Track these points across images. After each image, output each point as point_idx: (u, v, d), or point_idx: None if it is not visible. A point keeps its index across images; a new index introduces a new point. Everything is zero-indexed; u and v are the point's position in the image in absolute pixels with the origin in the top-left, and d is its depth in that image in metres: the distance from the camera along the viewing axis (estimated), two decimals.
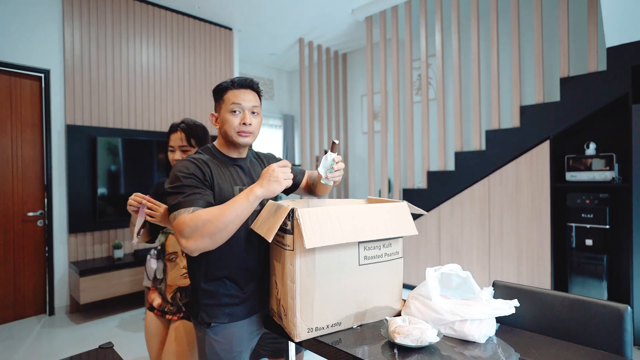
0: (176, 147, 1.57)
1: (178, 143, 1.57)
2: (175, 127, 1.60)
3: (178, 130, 1.58)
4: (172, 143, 1.59)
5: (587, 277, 2.89)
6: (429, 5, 4.02)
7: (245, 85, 1.26)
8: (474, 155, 3.46)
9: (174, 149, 1.58)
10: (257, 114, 1.28)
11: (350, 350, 0.99)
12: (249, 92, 1.26)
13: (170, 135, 1.60)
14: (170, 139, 1.60)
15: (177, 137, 1.58)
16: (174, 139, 1.58)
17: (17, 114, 3.14)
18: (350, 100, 5.65)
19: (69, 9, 3.31)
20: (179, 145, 1.57)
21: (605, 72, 2.79)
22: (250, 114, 1.24)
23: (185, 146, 1.57)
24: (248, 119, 1.23)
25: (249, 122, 1.23)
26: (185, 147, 1.57)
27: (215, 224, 1.03)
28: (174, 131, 1.60)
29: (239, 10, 4.12)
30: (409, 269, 3.88)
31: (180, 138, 1.57)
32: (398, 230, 1.16)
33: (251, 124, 1.24)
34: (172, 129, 1.61)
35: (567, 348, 1.01)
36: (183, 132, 1.58)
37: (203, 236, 1.04)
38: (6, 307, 3.09)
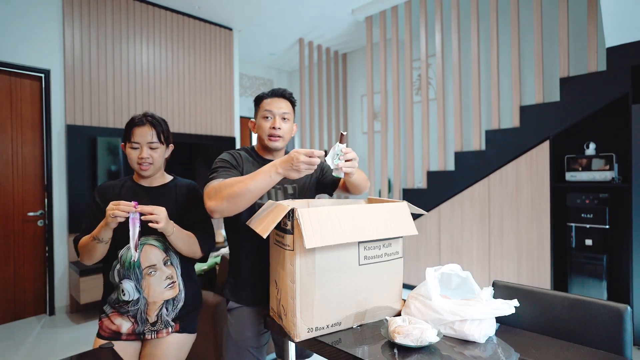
0: (143, 143, 1.36)
1: (146, 139, 1.36)
2: (141, 121, 1.37)
3: (146, 124, 1.36)
4: (138, 139, 1.36)
5: (587, 277, 2.89)
6: (429, 5, 4.02)
7: (277, 94, 1.41)
8: (474, 155, 3.46)
9: (139, 145, 1.36)
10: (288, 120, 1.41)
11: (350, 350, 0.99)
12: (281, 100, 1.40)
13: (134, 130, 1.36)
14: (133, 133, 1.36)
15: (144, 132, 1.36)
16: (140, 134, 1.35)
17: (17, 114, 3.14)
18: (350, 100, 5.65)
19: (69, 9, 3.31)
20: (147, 142, 1.36)
21: (605, 72, 2.79)
22: (280, 120, 1.38)
23: (155, 142, 1.37)
24: (278, 123, 1.37)
25: (279, 126, 1.37)
26: (155, 144, 1.37)
27: (234, 189, 1.14)
28: (139, 125, 1.36)
29: (239, 10, 4.12)
30: (409, 269, 3.89)
31: (150, 133, 1.36)
32: (398, 230, 1.17)
33: (280, 129, 1.37)
34: (136, 123, 1.37)
35: (567, 348, 1.01)
36: (153, 127, 1.37)
37: (223, 198, 1.15)
38: (6, 307, 3.09)
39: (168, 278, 1.38)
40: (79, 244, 1.34)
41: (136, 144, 1.36)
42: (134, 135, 1.36)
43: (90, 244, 1.28)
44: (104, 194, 1.40)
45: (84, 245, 1.31)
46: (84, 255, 1.33)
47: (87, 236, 1.31)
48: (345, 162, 1.19)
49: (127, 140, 1.38)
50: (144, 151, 1.36)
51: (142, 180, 1.44)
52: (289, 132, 1.41)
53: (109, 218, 1.19)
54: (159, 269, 1.37)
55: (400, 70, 4.66)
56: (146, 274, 1.35)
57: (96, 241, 1.27)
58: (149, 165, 1.38)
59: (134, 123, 1.37)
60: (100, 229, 1.24)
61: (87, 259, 1.33)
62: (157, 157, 1.39)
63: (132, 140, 1.36)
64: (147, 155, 1.36)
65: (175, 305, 1.41)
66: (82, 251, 1.33)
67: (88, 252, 1.30)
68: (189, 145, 4.11)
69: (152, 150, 1.37)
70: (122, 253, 1.36)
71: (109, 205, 1.20)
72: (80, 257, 1.35)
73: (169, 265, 1.39)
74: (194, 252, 1.40)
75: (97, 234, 1.26)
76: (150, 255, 1.36)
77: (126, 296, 1.35)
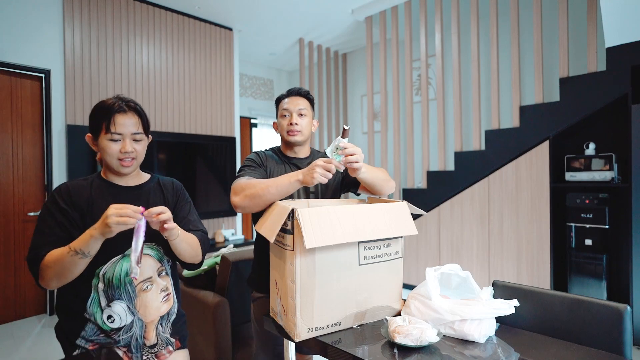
0: (126, 134, 1.13)
1: (130, 130, 1.13)
2: (122, 108, 1.13)
3: (129, 111, 1.14)
4: (120, 129, 1.12)
5: (586, 277, 2.89)
6: (429, 5, 4.03)
7: (293, 93, 1.48)
8: (474, 155, 3.46)
9: (121, 137, 1.12)
10: (305, 116, 1.46)
11: (350, 350, 0.99)
12: (297, 98, 1.47)
13: (115, 118, 1.11)
14: (113, 122, 1.11)
15: (127, 121, 1.13)
16: (123, 124, 1.12)
17: (17, 114, 3.15)
18: (350, 100, 5.65)
19: (69, 9, 3.32)
20: (131, 133, 1.14)
21: (604, 72, 2.79)
22: (297, 116, 1.44)
23: (140, 134, 1.16)
24: (294, 119, 1.43)
25: (295, 122, 1.43)
26: (139, 136, 1.16)
27: (257, 190, 1.20)
28: (120, 112, 1.12)
29: (239, 11, 4.12)
30: (409, 269, 3.89)
31: (134, 123, 1.15)
32: (398, 230, 1.17)
33: (297, 124, 1.43)
34: (117, 109, 1.12)
35: (567, 348, 1.01)
36: (138, 116, 1.16)
37: (246, 196, 1.22)
38: (6, 306, 3.09)
39: (163, 290, 1.19)
40: (45, 262, 1.02)
41: (117, 135, 1.11)
42: (115, 124, 1.11)
43: (68, 260, 0.99)
44: (71, 196, 1.11)
45: (55, 262, 1.01)
46: (53, 276, 1.02)
47: (59, 250, 1.02)
48: (345, 158, 1.20)
49: (100, 130, 1.11)
50: (127, 144, 1.12)
51: (116, 178, 1.19)
52: (308, 127, 1.47)
53: (113, 225, 0.95)
54: (155, 282, 1.17)
55: (400, 70, 4.66)
56: (140, 289, 1.13)
57: (79, 255, 0.99)
58: (132, 161, 1.15)
59: (113, 110, 1.11)
60: (89, 239, 0.98)
61: (57, 280, 1.03)
62: (141, 150, 1.18)
63: (111, 130, 1.11)
64: (131, 149, 1.13)
65: (169, 319, 1.23)
66: (50, 270, 1.02)
67: (63, 270, 1.01)
68: (189, 145, 4.11)
69: (136, 142, 1.16)
70: (106, 270, 1.10)
71: (111, 210, 0.96)
72: (45, 279, 1.03)
73: (164, 275, 1.21)
74: (197, 255, 1.24)
75: (80, 246, 0.99)
76: (144, 266, 1.15)
77: (115, 322, 1.10)
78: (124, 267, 1.12)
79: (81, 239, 1.00)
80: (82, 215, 1.10)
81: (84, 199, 1.12)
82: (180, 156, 4.02)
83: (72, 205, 1.10)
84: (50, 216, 1.09)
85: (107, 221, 0.95)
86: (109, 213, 0.96)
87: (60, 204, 1.10)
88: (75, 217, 1.10)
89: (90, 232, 0.99)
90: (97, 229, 0.98)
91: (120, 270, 1.11)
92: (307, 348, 1.13)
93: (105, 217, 0.96)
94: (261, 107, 5.99)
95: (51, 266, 1.01)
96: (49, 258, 1.02)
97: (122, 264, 1.13)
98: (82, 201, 1.12)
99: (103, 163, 1.17)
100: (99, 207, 1.09)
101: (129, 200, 1.11)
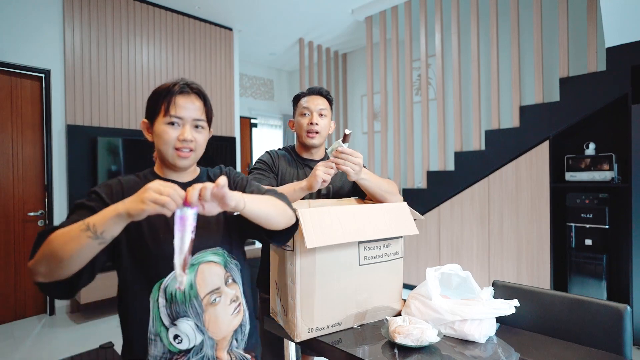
0: (187, 119, 0.94)
1: (192, 114, 0.95)
2: (185, 89, 0.96)
3: (192, 94, 0.97)
4: (181, 112, 0.93)
5: (586, 277, 2.89)
6: (429, 5, 4.03)
7: (314, 92, 1.46)
8: (474, 155, 3.46)
9: (181, 121, 0.94)
10: (325, 116, 1.45)
11: (350, 350, 0.99)
12: (318, 98, 1.45)
13: (174, 99, 0.93)
14: (173, 104, 0.93)
15: (189, 104, 0.95)
16: (185, 107, 0.94)
17: (17, 114, 3.14)
18: (350, 100, 5.65)
19: (69, 9, 3.31)
20: (192, 118, 0.95)
21: (604, 72, 2.79)
22: (317, 116, 1.42)
23: (202, 121, 0.97)
24: (315, 119, 1.41)
25: (316, 122, 1.41)
26: (202, 123, 0.97)
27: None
28: (183, 93, 0.95)
29: (239, 11, 4.12)
30: (409, 269, 3.89)
31: (198, 107, 0.96)
32: (398, 230, 1.17)
33: (318, 124, 1.41)
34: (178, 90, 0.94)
35: (567, 348, 1.01)
36: (202, 100, 0.98)
37: None
38: (6, 306, 3.09)
39: (233, 301, 1.00)
40: (50, 236, 0.76)
41: (177, 120, 0.93)
42: (176, 106, 0.93)
43: (74, 235, 0.73)
44: (123, 193, 0.90)
45: (58, 235, 0.75)
46: (46, 254, 0.75)
47: (71, 226, 0.76)
48: (336, 159, 1.20)
49: (158, 113, 0.94)
50: (187, 130, 0.93)
51: (170, 173, 1.00)
52: (326, 128, 1.45)
53: (148, 202, 0.71)
54: (223, 292, 0.98)
55: (400, 70, 4.66)
56: (208, 303, 0.95)
57: (89, 233, 0.73)
58: (190, 153, 0.95)
59: (175, 90, 0.94)
60: (111, 215, 0.73)
61: (47, 261, 0.75)
62: (202, 142, 0.98)
63: (170, 112, 0.92)
64: (190, 136, 0.93)
65: (243, 331, 1.03)
66: (47, 247, 0.75)
67: (61, 248, 0.74)
68: None
69: (197, 131, 0.96)
70: (169, 283, 0.91)
71: (155, 184, 0.73)
72: (36, 257, 0.77)
73: (231, 283, 1.01)
74: (283, 211, 0.97)
75: (96, 221, 0.74)
76: (210, 276, 0.96)
77: (184, 343, 0.92)
78: (188, 280, 0.95)
79: (101, 213, 0.75)
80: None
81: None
82: None
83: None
84: (84, 203, 0.87)
85: (143, 195, 0.72)
86: (150, 186, 0.73)
87: (106, 199, 0.89)
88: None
89: (116, 207, 0.74)
90: (125, 203, 0.74)
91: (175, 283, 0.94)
92: (308, 348, 1.13)
93: (144, 190, 0.73)
94: (261, 107, 5.99)
95: (52, 240, 0.75)
96: (56, 232, 0.77)
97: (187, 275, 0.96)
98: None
99: (157, 156, 1.00)
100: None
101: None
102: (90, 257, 0.76)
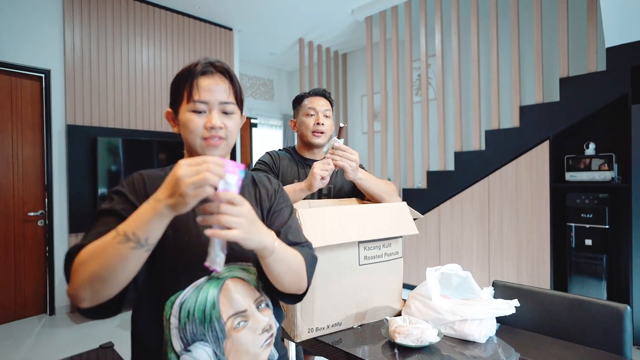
0: (214, 104, 0.81)
1: (218, 97, 0.81)
2: (208, 68, 0.82)
3: (217, 74, 0.83)
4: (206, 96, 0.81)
5: (586, 277, 2.89)
6: (429, 5, 4.03)
7: (318, 93, 1.50)
8: (474, 155, 3.46)
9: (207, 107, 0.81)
10: (329, 117, 1.49)
11: (350, 350, 0.99)
12: (321, 99, 1.49)
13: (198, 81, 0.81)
14: (197, 86, 0.80)
15: (213, 86, 0.81)
16: (209, 89, 0.81)
17: (17, 114, 3.15)
18: (350, 100, 5.65)
19: (69, 9, 3.31)
20: (220, 102, 0.81)
21: (604, 72, 2.79)
22: (323, 116, 1.46)
23: (232, 104, 0.83)
24: (321, 119, 1.45)
25: (322, 122, 1.45)
26: (231, 107, 0.83)
27: None
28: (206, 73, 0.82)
29: (239, 11, 4.12)
30: (409, 269, 3.89)
31: (225, 89, 0.82)
32: (398, 230, 1.17)
33: (324, 124, 1.45)
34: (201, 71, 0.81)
35: (567, 348, 1.01)
36: (229, 81, 0.84)
37: None
38: (6, 306, 3.09)
39: (265, 330, 0.82)
40: (81, 255, 0.66)
41: (202, 105, 0.79)
42: (199, 89, 0.79)
43: (113, 250, 0.62)
44: (146, 188, 0.78)
45: (93, 254, 0.64)
46: (87, 278, 0.64)
47: (104, 239, 0.65)
48: (332, 156, 1.21)
49: (181, 100, 0.81)
50: (214, 116, 0.79)
51: None
52: (330, 129, 1.50)
53: (189, 192, 0.59)
54: (251, 317, 0.80)
55: (400, 70, 4.66)
56: (231, 328, 0.77)
57: (131, 243, 0.62)
58: (220, 141, 0.81)
59: (195, 72, 0.80)
60: (151, 216, 0.62)
61: (91, 284, 0.64)
62: (233, 128, 0.83)
63: (194, 97, 0.79)
64: (219, 123, 0.79)
65: None
66: (84, 269, 0.64)
67: (102, 267, 0.63)
68: None
69: (226, 116, 0.82)
70: (186, 298, 0.75)
71: (182, 169, 0.61)
72: (76, 282, 0.65)
73: (264, 308, 0.83)
74: (299, 281, 0.83)
75: (135, 227, 0.62)
76: (235, 294, 0.78)
77: None
78: (210, 295, 0.75)
79: (136, 216, 0.63)
80: None
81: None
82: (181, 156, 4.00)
83: (144, 199, 0.70)
84: (109, 208, 0.74)
85: (181, 189, 0.59)
86: (180, 173, 0.60)
87: (129, 196, 0.76)
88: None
89: (153, 207, 0.62)
90: (162, 200, 0.62)
91: (204, 298, 0.76)
92: (308, 348, 1.13)
93: (175, 179, 0.60)
94: (261, 107, 5.99)
95: (86, 261, 0.64)
96: (86, 250, 0.66)
97: (207, 289, 0.76)
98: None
99: (185, 149, 0.88)
100: None
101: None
102: (139, 267, 0.66)
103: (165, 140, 3.84)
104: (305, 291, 0.87)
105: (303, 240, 0.89)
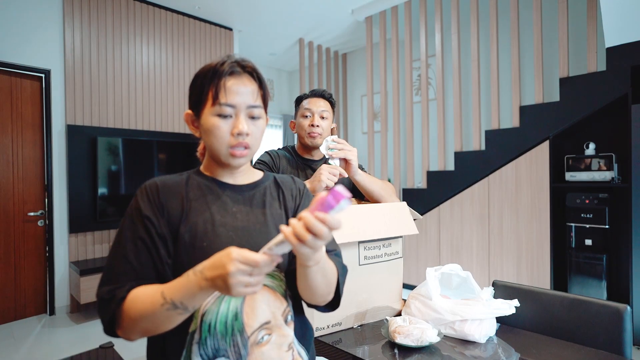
0: (241, 107, 0.76)
1: (246, 100, 0.77)
2: (235, 68, 0.78)
3: (244, 75, 0.79)
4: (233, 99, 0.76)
5: (586, 277, 2.89)
6: (429, 5, 4.03)
7: (317, 94, 1.49)
8: (474, 155, 3.46)
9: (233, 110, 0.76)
10: (327, 118, 1.47)
11: (350, 350, 0.99)
12: (320, 100, 1.48)
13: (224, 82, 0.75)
14: (223, 87, 0.75)
15: (241, 87, 0.77)
16: (236, 91, 0.76)
17: (17, 114, 3.15)
18: (350, 100, 5.65)
19: (69, 9, 3.31)
20: (247, 105, 0.77)
21: (604, 72, 2.79)
22: (319, 118, 1.45)
23: (259, 108, 0.80)
24: (316, 120, 1.44)
25: (317, 123, 1.43)
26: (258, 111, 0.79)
27: None
28: (234, 74, 0.77)
29: (239, 11, 4.12)
30: (409, 269, 3.89)
31: (252, 91, 0.79)
32: (398, 230, 1.17)
33: (319, 126, 1.43)
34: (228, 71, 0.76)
35: (567, 348, 1.01)
36: (257, 82, 0.81)
37: None
38: (6, 306, 3.09)
39: (291, 348, 0.76)
40: (127, 310, 0.66)
41: (229, 108, 0.75)
42: (226, 91, 0.74)
43: (161, 315, 0.64)
44: (159, 197, 0.76)
45: (143, 315, 0.65)
46: (139, 332, 0.67)
47: (147, 295, 0.66)
48: (335, 150, 1.25)
49: (204, 102, 0.76)
50: (241, 121, 0.75)
51: (221, 172, 0.81)
52: (327, 130, 1.48)
53: (239, 288, 0.58)
54: (276, 330, 0.74)
55: (400, 70, 4.66)
56: (254, 342, 0.71)
57: (178, 311, 0.63)
58: (246, 151, 0.77)
59: (222, 72, 0.75)
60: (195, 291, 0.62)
61: (142, 335, 0.68)
62: (258, 135, 0.79)
63: (220, 100, 0.74)
64: (247, 128, 0.75)
65: None
66: (135, 325, 0.66)
67: (153, 326, 0.66)
68: (190, 146, 4.11)
69: (253, 122, 0.77)
70: (207, 309, 0.70)
71: (234, 266, 0.57)
72: (126, 331, 0.68)
73: (291, 321, 0.78)
74: (330, 292, 0.78)
75: (182, 298, 0.63)
76: (261, 305, 0.73)
77: None
78: (232, 305, 0.71)
79: (182, 285, 0.63)
80: (171, 222, 0.74)
81: (176, 202, 0.76)
82: (181, 156, 4.01)
83: (160, 209, 0.73)
84: (132, 232, 0.72)
85: (228, 284, 0.57)
86: (231, 271, 0.57)
87: (144, 211, 0.73)
88: (161, 227, 0.72)
89: (200, 284, 0.61)
90: (208, 279, 0.60)
91: (226, 309, 0.70)
92: None
93: (226, 272, 0.57)
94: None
95: (137, 320, 0.65)
96: (132, 306, 0.66)
97: (230, 299, 0.71)
98: (174, 204, 0.75)
99: (206, 153, 0.83)
100: (196, 213, 0.75)
101: (242, 203, 0.79)
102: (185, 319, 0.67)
103: (166, 141, 3.84)
104: (336, 301, 0.82)
105: (335, 247, 0.84)
